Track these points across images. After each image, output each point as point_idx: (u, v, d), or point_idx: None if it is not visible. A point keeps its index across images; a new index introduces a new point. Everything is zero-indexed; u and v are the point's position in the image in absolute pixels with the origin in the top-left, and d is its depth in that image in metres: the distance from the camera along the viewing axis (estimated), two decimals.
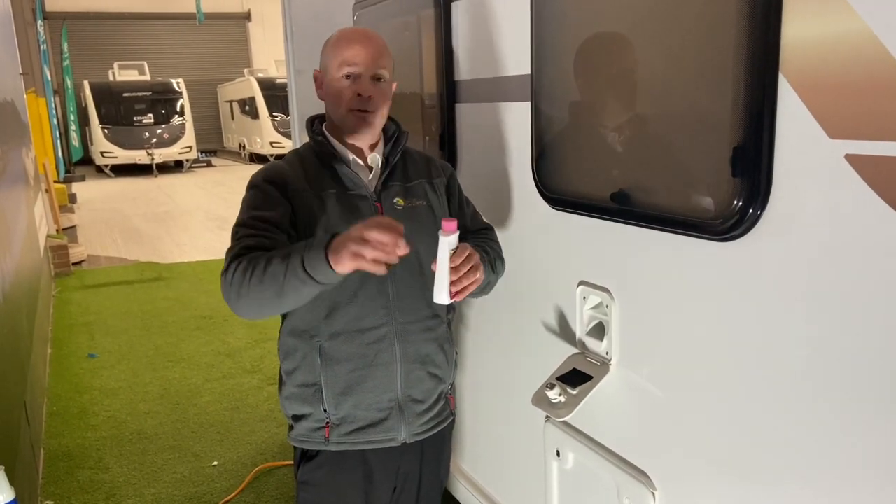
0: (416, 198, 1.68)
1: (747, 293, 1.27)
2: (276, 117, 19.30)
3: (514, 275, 1.97)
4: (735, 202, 1.23)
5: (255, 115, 20.00)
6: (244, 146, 21.55)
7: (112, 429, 3.85)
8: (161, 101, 20.06)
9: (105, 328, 5.66)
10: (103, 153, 18.89)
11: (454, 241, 1.44)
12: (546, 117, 1.78)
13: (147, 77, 20.72)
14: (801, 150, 1.13)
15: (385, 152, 1.71)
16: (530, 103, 1.81)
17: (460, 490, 2.51)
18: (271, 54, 22.18)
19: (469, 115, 2.18)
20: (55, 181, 11.44)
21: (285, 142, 17.67)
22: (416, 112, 2.46)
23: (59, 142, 16.30)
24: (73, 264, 7.74)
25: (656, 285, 1.50)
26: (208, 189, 15.35)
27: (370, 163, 1.68)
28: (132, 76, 20.52)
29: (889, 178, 1.01)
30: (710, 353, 1.38)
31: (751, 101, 1.18)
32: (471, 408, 2.43)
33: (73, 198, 12.90)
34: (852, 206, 1.06)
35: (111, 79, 20.41)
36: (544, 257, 1.90)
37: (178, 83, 20.46)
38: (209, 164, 20.77)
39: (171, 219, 11.42)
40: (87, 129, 19.48)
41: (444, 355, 1.75)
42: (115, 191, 15.33)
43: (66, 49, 18.73)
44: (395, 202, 1.66)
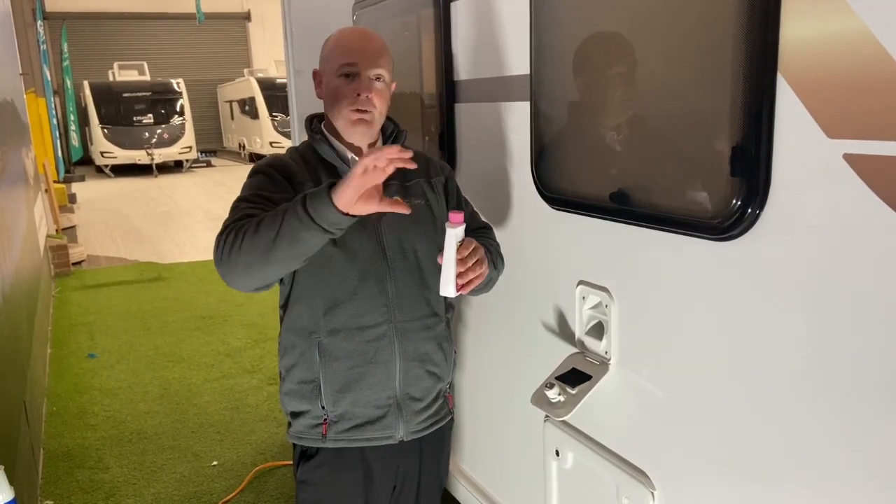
0: (415, 197, 1.69)
1: (746, 293, 1.27)
2: (276, 117, 19.30)
3: (514, 274, 1.97)
4: (734, 202, 1.23)
5: (254, 115, 20.01)
6: (244, 146, 21.55)
7: (112, 429, 3.86)
8: (161, 102, 20.06)
9: (105, 328, 5.66)
10: (103, 153, 18.89)
11: (461, 233, 1.43)
12: (545, 117, 1.78)
13: (147, 77, 20.72)
14: (799, 149, 1.13)
15: None
16: (529, 103, 1.81)
17: (460, 490, 2.51)
18: (271, 54, 22.19)
19: (468, 114, 2.18)
20: (55, 181, 11.45)
21: (285, 142, 17.66)
22: (416, 112, 2.46)
23: (58, 142, 16.29)
24: (73, 264, 7.74)
25: (656, 285, 1.50)
26: (208, 189, 15.36)
27: None
28: (132, 76, 20.52)
29: (887, 177, 1.02)
30: (709, 353, 1.38)
31: (749, 100, 1.18)
32: (470, 407, 2.43)
33: (72, 198, 12.90)
34: (851, 205, 1.06)
35: (111, 79, 20.41)
36: (544, 257, 1.90)
37: (178, 83, 20.46)
38: (209, 165, 20.77)
39: (171, 219, 11.42)
40: (87, 129, 19.48)
41: (443, 354, 1.75)
42: (115, 191, 15.33)
43: (65, 49, 18.73)
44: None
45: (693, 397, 1.43)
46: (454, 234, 1.42)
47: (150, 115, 19.76)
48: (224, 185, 15.68)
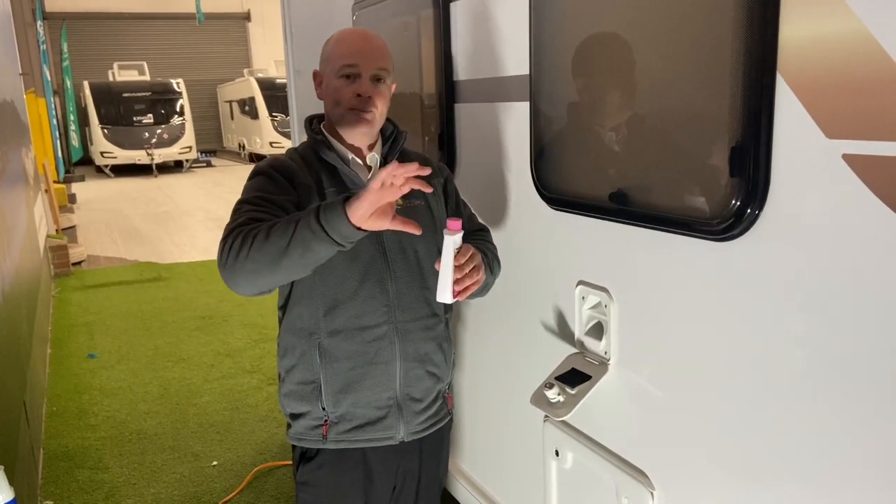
0: (415, 197, 1.68)
1: (746, 293, 1.27)
2: (276, 117, 19.30)
3: (514, 275, 1.97)
4: (733, 202, 1.23)
5: (254, 115, 20.01)
6: (244, 146, 21.55)
7: (112, 429, 3.86)
8: (161, 102, 20.05)
9: (105, 328, 5.66)
10: (103, 153, 18.89)
11: (458, 240, 1.43)
12: (545, 117, 1.78)
13: (147, 77, 20.72)
14: (798, 149, 1.14)
15: (383, 152, 1.71)
16: (529, 103, 1.81)
17: (459, 490, 2.51)
18: (271, 54, 22.19)
19: (468, 115, 2.18)
20: (55, 181, 11.45)
21: (285, 142, 17.67)
22: (416, 112, 2.46)
23: (58, 142, 16.31)
24: (73, 264, 7.74)
25: (655, 285, 1.50)
26: (208, 189, 15.36)
27: (369, 162, 1.69)
28: (132, 76, 20.52)
29: (886, 177, 1.02)
30: (708, 353, 1.38)
31: (749, 101, 1.18)
32: (470, 407, 2.43)
33: (72, 198, 12.91)
34: (850, 205, 1.06)
35: (111, 79, 20.41)
36: (543, 257, 1.90)
37: (178, 83, 20.45)
38: (209, 165, 20.77)
39: (171, 219, 11.42)
40: (87, 129, 19.48)
41: (443, 354, 1.75)
42: (115, 191, 15.33)
43: (65, 49, 18.74)
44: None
45: (693, 397, 1.43)
46: (452, 240, 1.42)
47: (150, 116, 19.75)
48: (224, 185, 15.68)
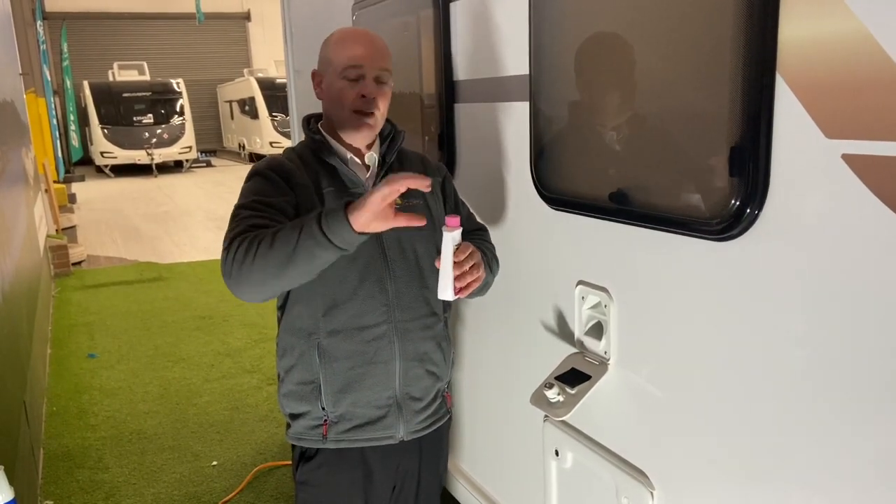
0: (414, 197, 1.68)
1: (745, 293, 1.27)
2: (276, 117, 19.30)
3: (513, 274, 1.97)
4: (732, 202, 1.23)
5: (254, 115, 20.00)
6: (244, 146, 21.54)
7: (112, 429, 3.86)
8: (161, 102, 20.05)
9: (105, 328, 5.66)
10: (103, 153, 18.89)
11: (458, 236, 1.43)
12: (545, 117, 1.78)
13: (147, 77, 20.71)
14: (798, 149, 1.14)
15: (381, 151, 1.71)
16: (529, 103, 1.81)
17: (459, 489, 2.51)
18: (271, 54, 22.17)
19: (468, 115, 2.18)
20: (55, 181, 11.45)
21: (285, 142, 17.65)
22: (416, 112, 2.46)
23: (58, 142, 16.31)
24: (73, 264, 7.74)
25: (655, 285, 1.50)
26: (208, 189, 15.36)
27: (367, 161, 1.69)
28: (132, 76, 20.51)
29: (886, 177, 1.02)
30: (708, 353, 1.38)
31: (748, 100, 1.18)
32: (470, 407, 2.43)
33: (72, 198, 12.90)
34: (849, 205, 1.06)
35: (111, 79, 20.40)
36: (543, 257, 1.90)
37: (178, 83, 20.45)
38: (209, 164, 20.77)
39: (171, 219, 11.42)
40: (87, 129, 19.47)
41: (442, 353, 1.75)
42: (115, 191, 15.33)
43: (65, 49, 18.74)
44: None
45: (692, 397, 1.43)
46: (451, 237, 1.42)
47: (150, 115, 19.75)
48: (224, 184, 15.68)
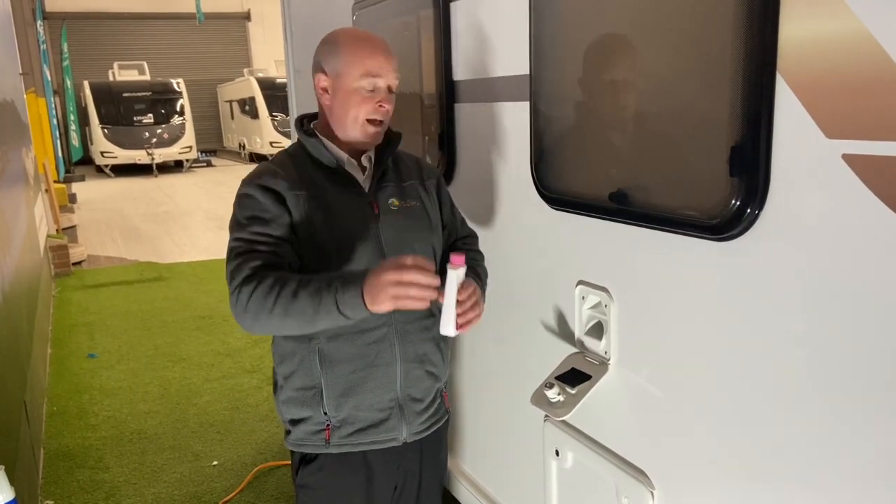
0: (410, 198, 1.68)
1: (746, 292, 1.27)
2: (276, 117, 19.30)
3: (514, 274, 1.97)
4: (733, 202, 1.23)
5: (254, 114, 20.00)
6: (244, 146, 21.54)
7: (112, 428, 3.86)
8: (161, 101, 20.05)
9: (105, 328, 5.66)
10: (103, 153, 18.89)
11: (462, 274, 1.45)
12: (545, 117, 1.78)
13: (147, 77, 20.71)
14: (798, 149, 1.14)
15: (377, 152, 1.70)
16: (529, 103, 1.81)
17: (460, 489, 2.51)
18: (271, 54, 22.18)
19: (468, 115, 2.18)
20: (55, 181, 11.45)
21: (285, 141, 17.64)
22: (416, 112, 2.46)
23: (59, 142, 16.30)
24: (73, 264, 7.74)
25: (655, 285, 1.50)
26: (208, 189, 15.36)
27: (363, 163, 1.68)
28: (132, 76, 20.50)
29: (886, 177, 1.02)
30: (708, 353, 1.38)
31: (748, 100, 1.18)
32: (470, 407, 2.43)
33: (73, 198, 12.90)
34: (849, 205, 1.06)
35: (111, 79, 20.40)
36: (543, 257, 1.90)
37: (178, 83, 20.45)
38: (209, 164, 20.77)
39: (171, 219, 11.42)
40: (87, 129, 19.47)
41: (441, 353, 1.75)
42: (115, 191, 15.33)
43: (65, 49, 18.73)
44: (390, 203, 1.66)
45: (692, 397, 1.43)
46: (456, 275, 1.43)
47: (151, 115, 19.75)
48: (224, 184, 15.68)
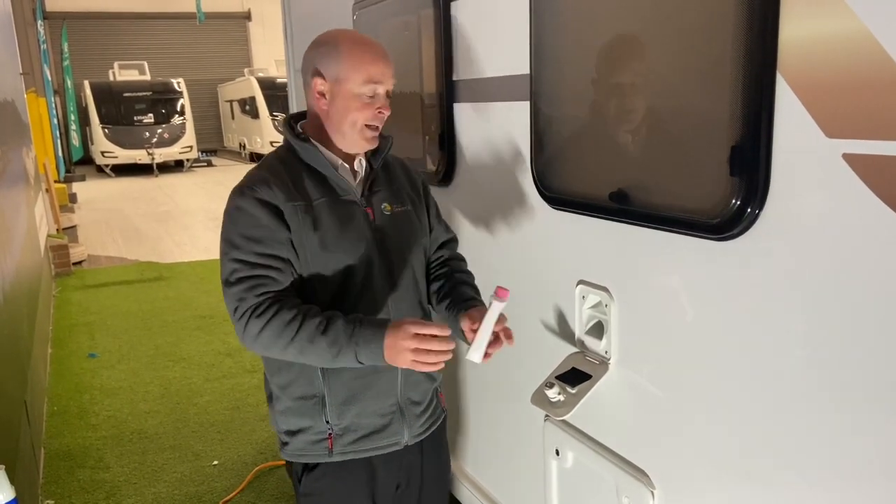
0: (402, 203, 1.68)
1: (746, 292, 1.27)
2: (277, 117, 19.28)
3: (514, 274, 1.97)
4: (733, 201, 1.23)
5: (255, 114, 20.00)
6: (244, 146, 21.54)
7: (112, 428, 3.86)
8: (161, 101, 20.05)
9: (105, 328, 5.67)
10: (104, 153, 18.89)
11: (504, 307, 1.47)
12: (545, 117, 1.78)
13: (147, 77, 20.71)
14: (798, 149, 1.14)
15: (367, 156, 1.69)
16: (529, 103, 1.81)
17: (460, 489, 2.51)
18: (271, 54, 22.17)
19: (468, 114, 2.18)
20: (55, 181, 11.44)
21: None
22: (416, 112, 2.46)
23: (59, 142, 16.31)
24: (74, 264, 7.74)
25: (655, 284, 1.50)
26: (209, 189, 15.36)
27: (356, 167, 1.66)
28: (132, 76, 20.51)
29: (886, 176, 1.02)
30: (709, 353, 1.38)
31: (749, 100, 1.18)
32: (470, 407, 2.43)
33: (73, 198, 12.91)
34: (850, 205, 1.06)
35: (111, 78, 20.40)
36: (543, 257, 1.90)
37: (178, 83, 20.45)
38: (209, 164, 20.78)
39: (172, 219, 11.43)
40: (88, 128, 19.47)
41: None
42: (116, 190, 15.33)
43: (66, 49, 18.73)
44: (383, 207, 1.65)
45: (693, 396, 1.43)
46: (500, 307, 1.46)
47: (151, 115, 19.75)
48: (224, 184, 15.62)
